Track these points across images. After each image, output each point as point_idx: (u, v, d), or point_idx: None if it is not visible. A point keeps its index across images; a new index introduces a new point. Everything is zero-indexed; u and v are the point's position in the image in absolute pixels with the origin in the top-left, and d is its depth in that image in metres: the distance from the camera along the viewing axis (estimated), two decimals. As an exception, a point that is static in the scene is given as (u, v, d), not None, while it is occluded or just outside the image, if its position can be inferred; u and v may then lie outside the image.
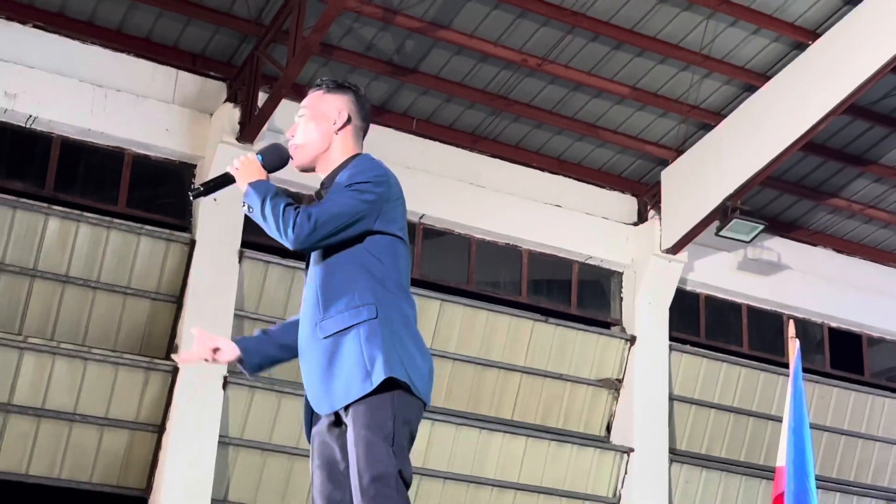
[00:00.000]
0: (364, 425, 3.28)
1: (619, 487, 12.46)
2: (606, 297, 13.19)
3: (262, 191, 3.48)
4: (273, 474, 11.02)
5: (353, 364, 3.33)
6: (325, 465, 3.45)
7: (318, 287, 3.45)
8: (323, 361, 3.38)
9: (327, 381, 3.37)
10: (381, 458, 3.25)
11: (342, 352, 3.36)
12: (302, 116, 3.68)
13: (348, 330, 3.37)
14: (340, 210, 3.41)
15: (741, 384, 13.47)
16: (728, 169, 12.05)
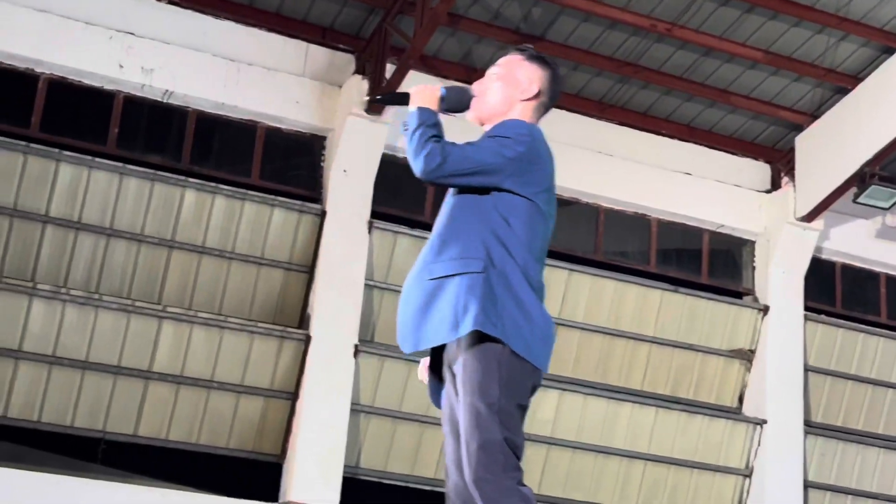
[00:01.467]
0: (470, 391, 3.27)
1: (752, 459, 12.27)
2: (738, 267, 12.95)
3: (424, 118, 3.51)
4: (403, 442, 11.17)
5: (446, 311, 3.32)
6: (453, 429, 3.43)
7: (438, 231, 3.49)
8: (420, 301, 3.39)
9: (419, 322, 3.38)
10: (485, 426, 3.21)
11: (441, 296, 3.35)
12: (494, 74, 3.70)
13: (453, 277, 3.35)
14: (474, 155, 3.42)
15: (879, 355, 13.11)
16: (866, 134, 11.68)
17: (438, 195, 11.65)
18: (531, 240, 3.45)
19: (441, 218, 3.54)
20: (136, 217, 10.62)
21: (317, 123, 11.21)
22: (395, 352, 11.11)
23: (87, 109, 10.72)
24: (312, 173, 11.33)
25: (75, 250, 10.44)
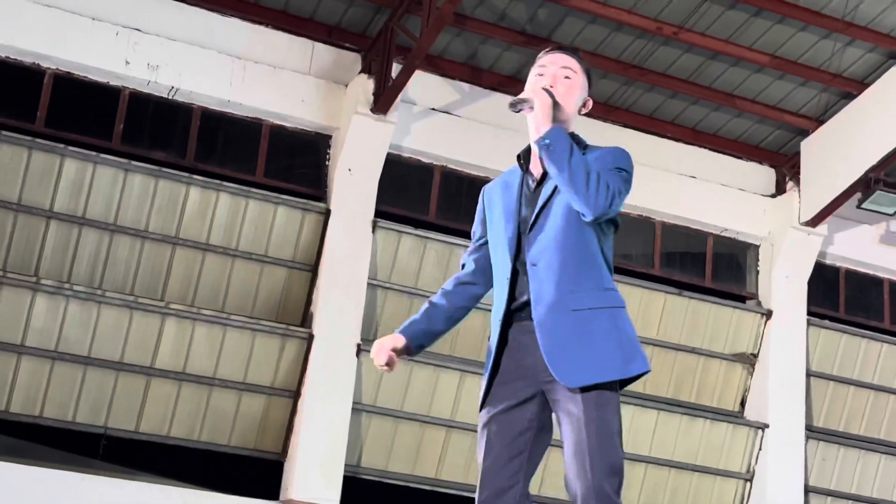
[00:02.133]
0: (595, 408, 3.33)
1: (754, 463, 12.26)
2: (742, 271, 12.95)
3: (568, 139, 3.43)
4: (404, 441, 11.16)
5: (611, 346, 3.37)
6: (504, 437, 3.44)
7: (569, 257, 3.43)
8: (573, 333, 3.37)
9: (579, 355, 3.36)
10: (615, 450, 3.33)
11: (597, 330, 3.38)
12: (567, 77, 3.62)
13: (602, 310, 3.40)
14: (622, 193, 3.43)
15: (882, 361, 13.10)
16: (871, 139, 11.67)
17: (442, 196, 11.67)
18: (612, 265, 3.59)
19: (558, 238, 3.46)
20: (140, 213, 10.63)
21: (322, 122, 11.21)
22: (398, 351, 11.10)
23: (93, 105, 10.73)
24: (317, 172, 11.33)
25: (79, 246, 10.45)
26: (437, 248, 11.45)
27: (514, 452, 3.45)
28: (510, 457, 3.44)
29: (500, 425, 3.46)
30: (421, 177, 11.67)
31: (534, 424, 3.46)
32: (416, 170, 11.65)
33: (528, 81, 3.65)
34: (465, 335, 11.47)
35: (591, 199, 3.33)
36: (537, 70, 3.65)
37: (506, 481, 3.43)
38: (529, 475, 3.49)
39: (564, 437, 3.39)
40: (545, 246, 3.46)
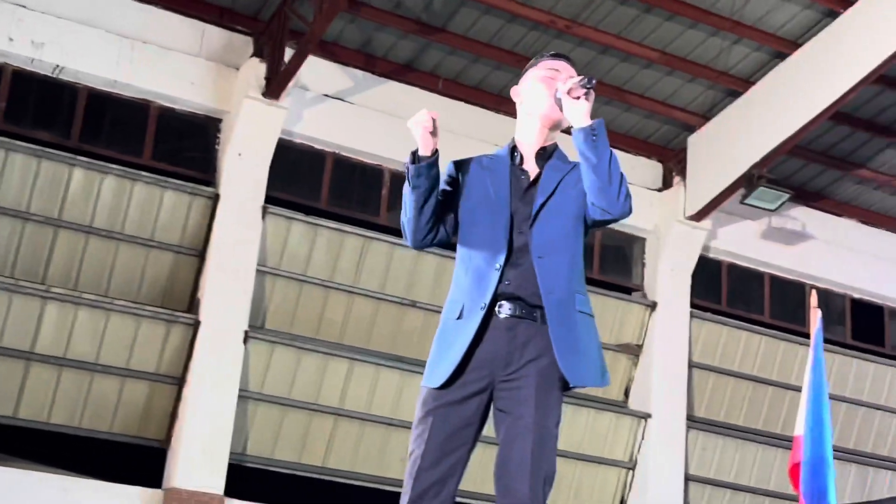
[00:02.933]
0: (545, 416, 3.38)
1: (636, 452, 12.48)
2: (629, 263, 13.15)
3: (607, 140, 3.49)
4: (291, 429, 11.09)
5: (595, 355, 3.48)
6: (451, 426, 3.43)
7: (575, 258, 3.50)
8: (578, 333, 3.44)
9: (581, 356, 3.43)
10: (553, 457, 3.40)
11: (591, 336, 3.49)
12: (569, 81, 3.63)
13: (591, 317, 3.52)
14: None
15: (761, 353, 13.45)
16: (755, 137, 11.96)
17: (334, 184, 11.61)
18: None
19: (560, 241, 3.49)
20: (22, 194, 10.35)
21: (212, 105, 11.05)
22: (285, 338, 11.04)
23: (-27, 82, 10.40)
24: (206, 155, 11.16)
25: (-44, 226, 10.14)
26: (328, 235, 11.39)
27: (457, 444, 3.43)
28: (453, 448, 3.43)
29: (449, 413, 3.44)
30: (313, 163, 11.59)
31: (478, 419, 3.47)
32: (308, 156, 11.57)
33: (535, 78, 3.67)
34: (354, 323, 11.45)
35: (621, 197, 3.41)
36: (546, 72, 3.65)
37: (447, 470, 3.42)
38: (464, 469, 3.48)
39: (507, 436, 3.39)
40: (551, 241, 3.48)
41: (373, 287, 11.56)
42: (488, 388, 3.45)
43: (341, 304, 11.44)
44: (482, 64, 11.91)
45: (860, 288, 14.21)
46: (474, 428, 3.46)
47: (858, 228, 14.23)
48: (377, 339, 11.52)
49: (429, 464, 3.41)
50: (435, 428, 3.43)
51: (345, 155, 11.67)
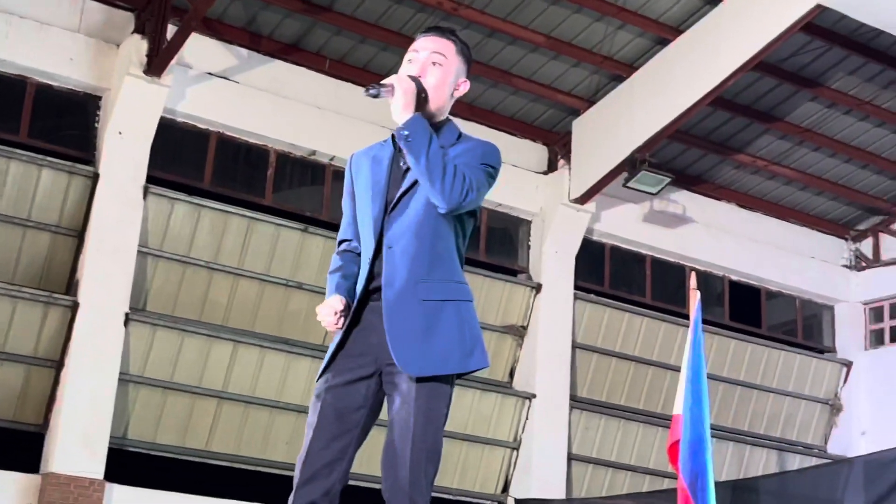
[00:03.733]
0: (429, 400, 3.35)
1: (520, 432, 12.62)
2: (514, 245, 13.26)
3: (427, 130, 3.39)
4: (174, 413, 10.93)
5: (454, 339, 3.40)
6: (339, 409, 3.43)
7: (424, 246, 3.42)
8: (420, 323, 3.37)
9: (424, 346, 3.36)
10: (438, 440, 3.36)
11: (442, 322, 3.39)
12: (436, 64, 3.55)
13: (449, 302, 3.42)
14: (484, 189, 3.43)
15: (643, 334, 13.70)
16: (638, 121, 12.15)
17: (218, 163, 11.43)
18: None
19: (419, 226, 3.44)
20: None
21: (92, 82, 10.78)
22: (168, 321, 10.86)
23: None
24: (85, 134, 10.89)
25: None
26: (212, 215, 11.23)
27: (346, 427, 3.43)
28: (343, 431, 3.43)
29: (339, 397, 3.44)
30: (196, 143, 11.40)
31: (369, 402, 3.45)
32: (191, 135, 11.37)
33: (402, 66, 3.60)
34: (239, 304, 11.32)
35: (445, 191, 3.32)
36: (409, 55, 3.59)
37: (335, 454, 3.42)
38: (356, 451, 3.48)
39: (392, 420, 3.39)
40: (403, 230, 3.45)
41: (258, 269, 11.44)
42: (375, 373, 3.46)
43: (225, 286, 11.30)
44: (369, 45, 11.85)
45: (738, 270, 14.58)
46: (364, 412, 3.46)
47: (736, 212, 14.59)
48: (262, 322, 11.42)
49: (317, 448, 3.42)
50: (323, 412, 3.44)
51: (229, 135, 11.51)
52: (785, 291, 15.13)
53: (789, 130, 13.56)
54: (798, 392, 14.91)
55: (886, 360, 14.99)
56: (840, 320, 15.47)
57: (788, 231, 14.98)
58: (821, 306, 15.52)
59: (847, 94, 13.11)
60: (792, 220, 15.02)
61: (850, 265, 15.47)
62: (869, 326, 15.40)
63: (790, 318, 15.41)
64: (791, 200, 14.88)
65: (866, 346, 15.32)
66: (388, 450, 3.38)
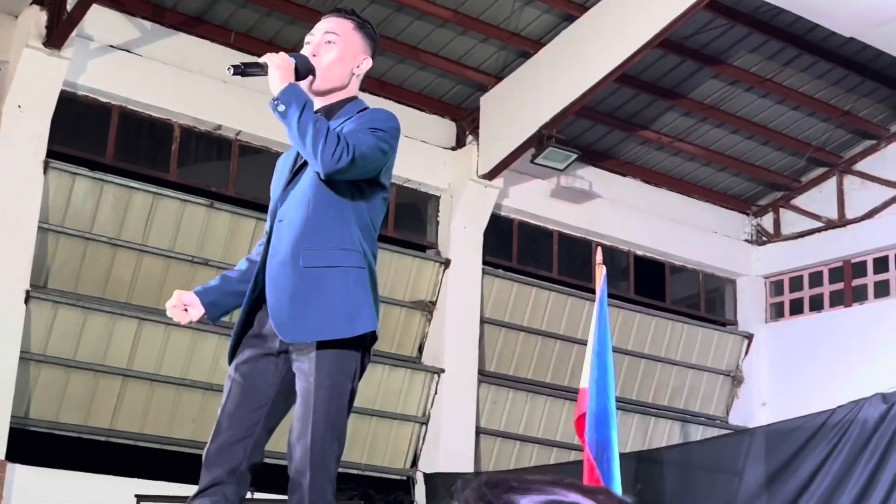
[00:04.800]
0: (329, 374, 3.31)
1: (429, 407, 12.67)
2: (423, 221, 13.28)
3: (302, 99, 3.40)
4: (77, 391, 10.75)
5: (338, 304, 3.34)
6: (247, 387, 3.42)
7: (309, 214, 3.41)
8: (300, 289, 3.35)
9: (301, 311, 3.33)
10: (341, 415, 3.32)
11: (326, 287, 3.35)
12: (330, 42, 3.61)
13: (335, 268, 3.37)
14: (370, 152, 3.39)
15: (550, 308, 13.84)
16: (545, 97, 12.23)
17: (121, 138, 11.23)
18: (378, 227, 3.58)
19: (305, 196, 3.45)
20: None
21: (-12, 54, 10.49)
22: (70, 298, 10.66)
23: None
24: (-18, 107, 10.60)
25: None
26: (115, 191, 11.03)
27: (256, 404, 3.42)
28: (252, 408, 3.42)
29: (246, 375, 3.45)
30: (98, 117, 11.17)
31: (279, 379, 3.44)
32: (93, 109, 11.14)
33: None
34: (144, 281, 11.16)
35: (318, 154, 3.31)
36: (307, 38, 3.66)
37: (243, 431, 3.41)
38: (268, 430, 3.46)
39: (298, 398, 3.38)
40: (293, 204, 3.47)
41: (163, 245, 11.28)
42: (281, 350, 3.45)
43: (130, 262, 11.13)
44: (275, 18, 11.72)
45: (642, 245, 14.79)
46: (274, 389, 3.45)
47: (641, 188, 14.79)
48: (168, 299, 11.21)
49: (224, 426, 3.42)
50: (231, 391, 3.46)
51: (132, 108, 11.30)
52: (688, 266, 15.41)
53: (693, 107, 13.77)
54: (701, 364, 15.21)
55: (786, 332, 15.37)
56: (741, 294, 15.80)
57: (692, 206, 15.23)
58: (723, 280, 15.84)
59: (749, 72, 13.36)
60: (695, 196, 15.28)
61: (751, 240, 15.81)
62: (769, 300, 15.77)
63: (693, 292, 15.70)
64: (694, 176, 15.13)
65: (767, 319, 15.68)
66: (292, 427, 3.38)
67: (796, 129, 14.48)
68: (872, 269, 14.77)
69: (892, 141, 14.77)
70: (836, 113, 14.21)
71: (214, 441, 3.41)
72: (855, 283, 14.91)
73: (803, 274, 15.45)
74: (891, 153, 14.77)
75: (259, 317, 3.50)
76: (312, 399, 3.31)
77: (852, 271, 14.96)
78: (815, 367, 14.57)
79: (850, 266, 14.97)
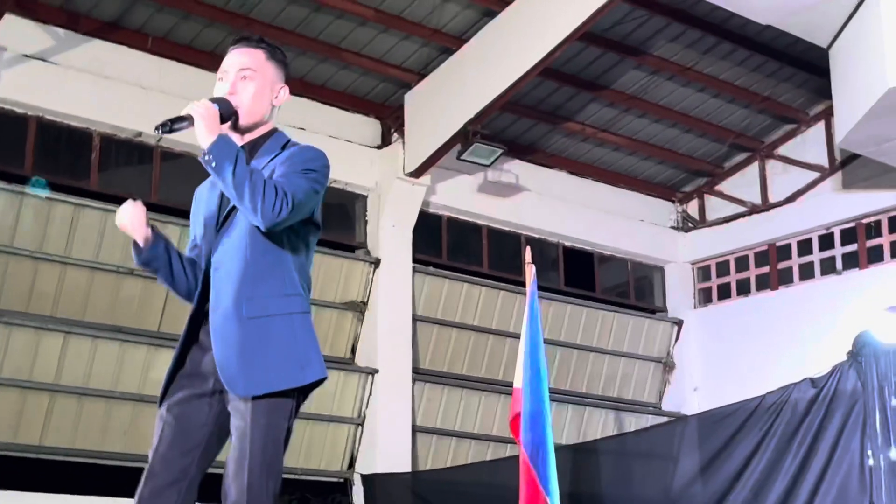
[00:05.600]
0: (265, 415, 3.27)
1: (364, 408, 12.62)
2: (351, 221, 13.20)
3: (232, 150, 3.33)
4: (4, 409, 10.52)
5: (288, 354, 3.32)
6: (179, 428, 3.37)
7: (248, 260, 3.36)
8: (247, 342, 3.29)
9: (249, 363, 3.28)
10: (277, 454, 3.29)
11: (272, 338, 3.31)
12: (246, 78, 3.54)
13: (277, 317, 3.34)
14: (306, 198, 3.37)
15: (481, 303, 13.85)
16: (469, 93, 12.21)
17: (39, 149, 11.00)
18: (311, 263, 3.58)
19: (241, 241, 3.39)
20: None
21: None
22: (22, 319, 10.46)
23: None
24: None
25: None
26: (35, 203, 10.81)
27: (189, 445, 3.37)
28: (185, 449, 3.37)
29: (178, 416, 3.39)
30: (14, 128, 10.92)
31: (212, 419, 3.40)
32: (9, 120, 10.89)
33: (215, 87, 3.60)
34: (68, 294, 10.96)
35: (257, 209, 3.27)
36: (219, 74, 3.58)
37: (175, 474, 3.34)
38: (201, 471, 3.41)
39: (232, 438, 3.33)
40: (227, 250, 3.41)
41: (87, 256, 11.08)
42: (216, 391, 3.39)
43: (53, 275, 10.91)
44: (193, 21, 11.56)
45: (571, 236, 14.86)
46: (207, 430, 3.39)
47: (568, 179, 14.86)
48: (93, 311, 11.07)
49: (158, 469, 3.35)
50: (163, 432, 3.40)
51: (49, 119, 11.07)
52: (617, 255, 15.52)
53: (616, 98, 13.85)
54: (632, 352, 15.34)
55: (714, 317, 15.56)
56: (670, 281, 15.96)
57: (618, 196, 15.34)
58: (651, 268, 15.98)
59: (669, 61, 13.47)
60: (621, 186, 15.39)
61: (677, 227, 15.97)
62: (697, 285, 15.95)
63: (622, 281, 15.82)
64: (620, 166, 15.24)
65: (695, 305, 15.86)
66: (227, 468, 3.33)
67: (718, 115, 14.64)
68: (797, 251, 15.00)
69: (812, 125, 14.99)
70: (756, 99, 14.39)
71: (147, 484, 3.34)
72: (780, 266, 15.13)
73: (729, 259, 15.65)
74: (811, 137, 15.00)
75: (192, 356, 3.44)
76: (248, 439, 3.26)
77: (777, 255, 15.18)
78: (745, 351, 14.78)
79: (776, 249, 15.19)
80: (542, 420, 6.90)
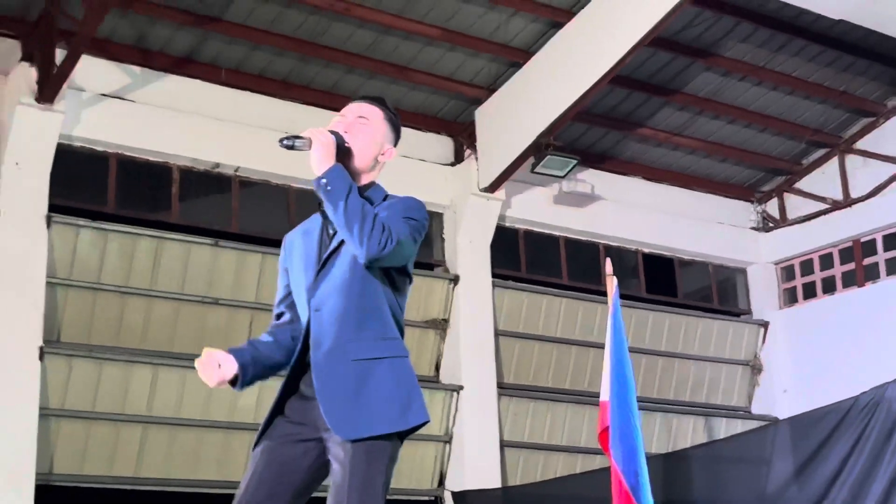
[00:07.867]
0: (366, 460, 3.29)
1: (451, 426, 12.63)
2: (429, 239, 13.23)
3: (347, 180, 3.43)
4: (98, 442, 10.73)
5: (388, 398, 3.35)
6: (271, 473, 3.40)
7: (352, 305, 3.41)
8: (350, 384, 3.34)
9: (354, 406, 3.32)
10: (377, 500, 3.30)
11: (375, 381, 3.35)
12: (364, 125, 3.66)
13: (381, 360, 3.38)
14: (406, 241, 3.43)
15: (563, 315, 13.79)
16: (539, 106, 12.20)
17: (121, 185, 11.23)
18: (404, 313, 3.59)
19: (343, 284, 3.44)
20: None
21: (-19, 114, 10.49)
22: (83, 350, 10.66)
23: None
24: (-21, 167, 10.59)
25: None
26: (119, 239, 11.02)
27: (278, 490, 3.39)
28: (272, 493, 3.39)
29: (271, 461, 3.42)
30: (96, 166, 11.16)
31: (306, 465, 3.42)
32: (90, 159, 11.13)
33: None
34: (155, 326, 11.15)
35: (364, 240, 3.32)
36: (336, 118, 3.70)
37: None
38: None
39: (331, 484, 3.36)
40: (329, 292, 3.44)
41: (171, 288, 11.26)
42: (316, 439, 3.42)
43: (140, 308, 11.11)
44: (263, 51, 11.72)
45: (649, 242, 14.75)
46: (301, 475, 3.41)
47: (643, 185, 14.75)
48: (181, 341, 11.24)
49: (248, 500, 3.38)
50: (255, 472, 3.42)
51: (129, 155, 11.29)
52: (697, 259, 15.36)
53: (688, 101, 13.74)
54: (719, 356, 15.16)
55: (801, 317, 15.30)
56: (753, 282, 15.74)
57: (695, 199, 15.19)
58: (733, 270, 15.79)
59: (741, 62, 13.33)
60: (698, 189, 15.23)
61: (758, 227, 15.76)
62: (782, 286, 15.71)
63: (705, 285, 15.64)
64: (695, 169, 15.09)
65: (781, 306, 15.62)
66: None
67: (793, 113, 14.45)
68: (882, 246, 14.71)
69: (890, 117, 14.72)
70: (831, 94, 14.17)
71: None
72: (866, 262, 14.85)
73: (813, 257, 15.40)
74: (890, 128, 14.72)
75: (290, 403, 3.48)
76: (346, 488, 3.28)
77: (862, 250, 14.90)
78: (834, 350, 14.51)
79: (860, 245, 14.91)
80: (632, 432, 6.85)
